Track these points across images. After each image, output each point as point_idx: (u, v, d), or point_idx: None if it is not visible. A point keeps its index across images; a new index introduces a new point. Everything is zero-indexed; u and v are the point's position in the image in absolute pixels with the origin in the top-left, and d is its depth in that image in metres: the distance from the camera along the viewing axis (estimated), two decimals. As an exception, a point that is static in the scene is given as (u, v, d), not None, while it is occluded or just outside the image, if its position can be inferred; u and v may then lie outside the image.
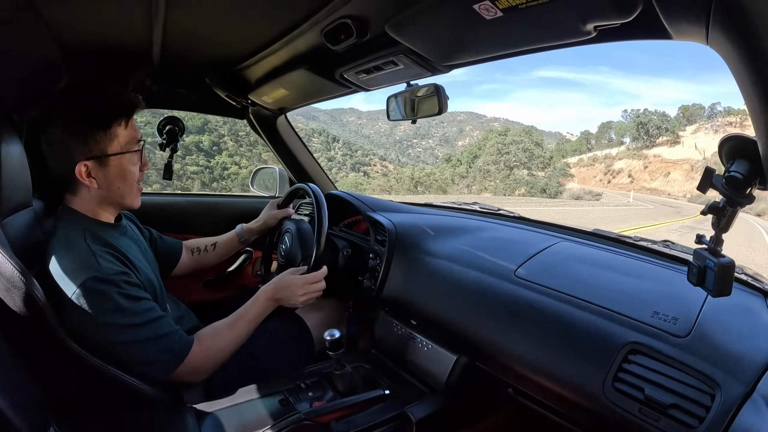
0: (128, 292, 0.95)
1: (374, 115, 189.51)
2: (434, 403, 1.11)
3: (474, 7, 0.76)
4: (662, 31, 0.67)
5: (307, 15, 1.02)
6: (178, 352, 1.01)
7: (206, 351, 1.06)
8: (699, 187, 0.68)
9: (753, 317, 0.88)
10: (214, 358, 1.07)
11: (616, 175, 59.71)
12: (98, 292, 0.90)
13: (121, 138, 1.02)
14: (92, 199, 1.04)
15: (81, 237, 0.97)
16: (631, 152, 63.61)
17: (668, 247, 1.23)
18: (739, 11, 0.45)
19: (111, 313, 0.91)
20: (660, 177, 50.15)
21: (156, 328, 0.98)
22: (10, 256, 0.80)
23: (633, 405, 0.78)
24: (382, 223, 1.40)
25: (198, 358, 1.04)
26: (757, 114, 0.48)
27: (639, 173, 55.59)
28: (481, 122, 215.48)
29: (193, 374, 1.04)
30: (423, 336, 1.26)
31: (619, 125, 76.01)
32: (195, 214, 1.98)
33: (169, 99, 1.80)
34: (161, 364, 0.99)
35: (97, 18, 1.07)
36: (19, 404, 0.68)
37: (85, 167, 0.98)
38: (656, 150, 59.37)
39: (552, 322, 0.96)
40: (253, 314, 1.17)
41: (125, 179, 1.04)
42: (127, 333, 0.93)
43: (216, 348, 1.08)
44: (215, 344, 1.08)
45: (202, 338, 1.08)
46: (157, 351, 0.97)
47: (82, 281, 0.89)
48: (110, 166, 1.01)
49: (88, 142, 0.98)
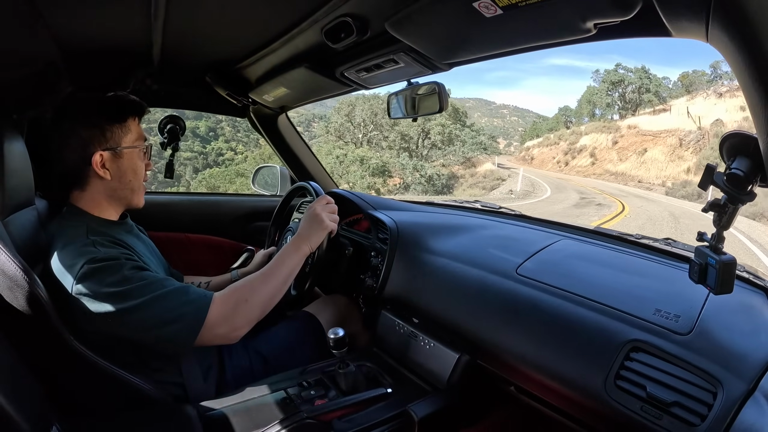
0: (131, 264, 0.93)
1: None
2: (436, 402, 1.11)
3: (474, 5, 0.76)
4: (662, 28, 0.67)
5: (307, 13, 1.02)
6: (198, 301, 0.94)
7: (233, 298, 0.99)
8: (700, 185, 0.68)
9: (755, 315, 0.88)
10: (248, 303, 1.00)
11: (577, 155, 42.87)
12: (99, 269, 0.89)
13: (133, 133, 1.07)
14: (101, 193, 1.05)
15: (83, 231, 0.97)
16: (600, 125, 44.62)
17: (670, 245, 1.23)
18: (738, 8, 0.45)
19: (116, 283, 0.89)
20: (632, 156, 35.28)
21: (166, 286, 0.93)
22: (13, 255, 0.80)
23: (635, 403, 0.78)
24: (383, 222, 1.40)
25: (227, 305, 0.97)
26: (758, 111, 0.48)
27: (604, 152, 39.54)
28: (490, 109, 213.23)
29: (226, 325, 0.97)
30: (425, 334, 1.26)
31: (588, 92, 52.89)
32: (197, 213, 1.99)
33: (169, 98, 1.80)
34: (184, 321, 0.91)
35: (96, 18, 1.07)
36: (22, 403, 0.68)
37: (100, 157, 1.01)
38: (632, 120, 41.87)
39: (554, 319, 0.96)
40: (282, 258, 1.10)
41: (136, 173, 1.08)
42: (137, 296, 0.89)
43: (244, 291, 1.01)
44: (242, 290, 1.02)
45: (231, 288, 1.02)
46: (174, 306, 0.91)
47: (81, 266, 0.89)
48: (124, 158, 1.05)
49: (105, 134, 1.02)
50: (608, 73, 48.85)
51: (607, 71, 49.43)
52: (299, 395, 1.07)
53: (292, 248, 1.12)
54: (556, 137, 52.26)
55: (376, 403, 1.08)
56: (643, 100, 45.54)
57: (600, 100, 49.62)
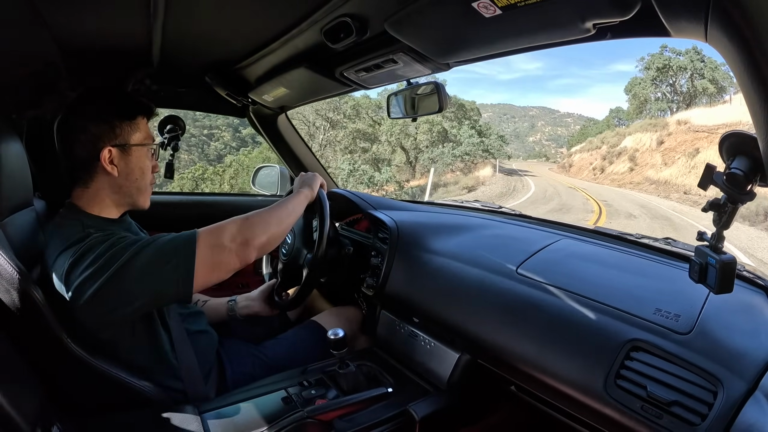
0: (115, 238, 0.92)
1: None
2: (437, 401, 1.11)
3: (473, 5, 0.76)
4: (661, 28, 0.67)
5: (306, 14, 1.02)
6: (188, 235, 0.95)
7: (234, 219, 1.02)
8: (700, 185, 0.68)
9: (755, 314, 0.88)
10: (248, 220, 1.03)
11: (615, 159, 33.39)
12: (89, 248, 0.89)
13: (142, 132, 1.08)
14: (106, 189, 1.04)
15: (79, 227, 0.96)
16: (646, 123, 34.81)
17: (670, 245, 1.23)
18: (737, 8, 0.45)
19: (107, 253, 0.88)
20: (680, 159, 25.66)
21: (147, 243, 0.92)
22: (10, 257, 0.80)
23: (635, 402, 0.78)
24: (384, 221, 1.40)
25: (229, 226, 0.99)
26: (757, 111, 0.48)
27: (646, 155, 29.89)
28: (554, 118, 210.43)
29: (234, 241, 0.98)
30: (425, 334, 1.26)
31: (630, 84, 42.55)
32: (197, 213, 1.99)
33: (169, 98, 1.80)
34: (179, 265, 0.91)
35: (96, 18, 1.07)
36: (23, 404, 0.68)
37: (109, 153, 1.01)
38: (683, 114, 32.04)
39: (554, 319, 0.96)
40: (284, 200, 1.18)
41: (143, 172, 1.08)
42: (118, 258, 0.88)
43: (244, 216, 1.04)
44: (243, 216, 1.04)
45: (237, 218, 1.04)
46: (159, 255, 0.91)
47: (73, 253, 0.89)
48: (132, 155, 1.05)
49: (115, 130, 1.02)
50: (653, 58, 39.70)
51: (652, 56, 40.20)
52: (300, 395, 1.07)
53: (293, 194, 1.23)
54: (599, 140, 41.86)
55: (377, 402, 1.08)
56: (696, 89, 36.84)
57: (643, 92, 40.82)
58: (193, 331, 1.12)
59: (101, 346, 0.92)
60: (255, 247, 1.01)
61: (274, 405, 1.04)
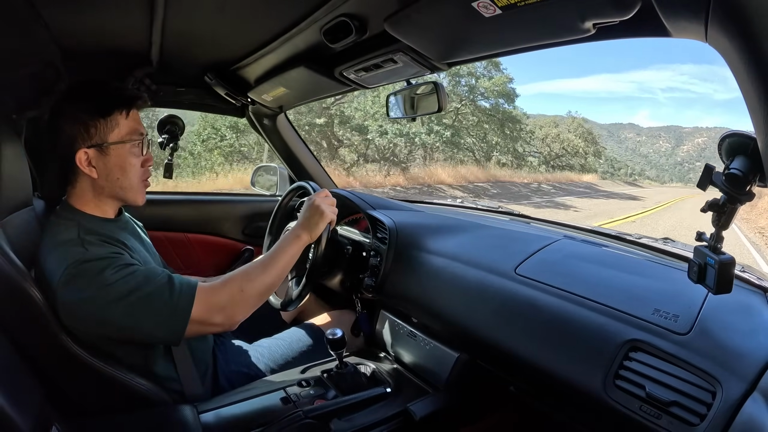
0: (116, 264, 0.90)
1: (655, 132, 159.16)
2: (436, 401, 1.11)
3: (473, 4, 0.76)
4: (661, 28, 0.67)
5: (306, 13, 1.02)
6: (181, 300, 0.92)
7: (231, 288, 0.99)
8: (699, 185, 0.68)
9: (753, 315, 0.88)
10: (244, 293, 0.99)
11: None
12: (85, 269, 0.87)
13: (122, 128, 1.01)
14: (91, 191, 1.01)
15: (74, 231, 0.95)
16: None
17: (668, 245, 1.23)
18: (737, 8, 0.45)
19: (101, 280, 0.87)
20: None
21: (152, 274, 0.92)
22: (9, 257, 0.80)
23: (634, 402, 0.78)
24: (383, 221, 1.40)
25: (220, 296, 0.96)
26: (756, 111, 0.48)
27: None
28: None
29: (221, 315, 0.96)
30: (424, 334, 1.26)
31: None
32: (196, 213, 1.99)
33: (168, 98, 1.80)
34: (167, 322, 0.91)
35: (95, 18, 1.07)
36: (21, 405, 0.68)
37: (85, 155, 0.97)
38: None
39: (553, 319, 0.96)
40: (282, 246, 1.11)
41: (125, 171, 1.02)
42: (122, 289, 0.87)
43: (243, 281, 1.00)
44: (240, 275, 1.01)
45: (226, 278, 1.01)
46: (155, 309, 0.90)
47: (67, 266, 0.87)
48: (110, 155, 1.00)
49: (89, 130, 0.97)
50: None
51: None
52: (298, 395, 1.07)
53: (291, 236, 1.13)
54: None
55: (376, 402, 1.08)
56: None
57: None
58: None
59: (99, 345, 0.92)
60: (242, 318, 1.01)
61: (272, 405, 1.04)
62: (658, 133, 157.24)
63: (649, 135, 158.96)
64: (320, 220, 1.16)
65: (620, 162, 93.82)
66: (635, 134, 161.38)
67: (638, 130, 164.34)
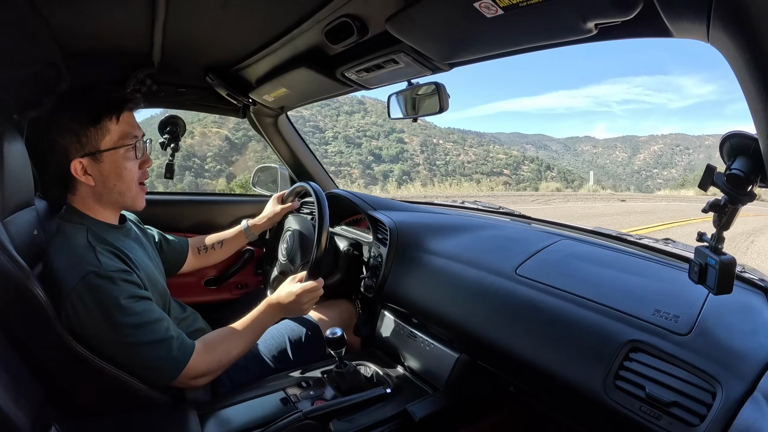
0: (128, 290, 0.93)
1: (611, 143, 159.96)
2: (436, 402, 1.11)
3: (475, 5, 0.76)
4: (663, 29, 0.67)
5: (308, 14, 1.02)
6: (178, 358, 0.97)
7: (211, 356, 1.03)
8: (700, 185, 0.68)
9: (754, 315, 0.88)
10: (220, 362, 1.05)
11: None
12: (97, 287, 0.89)
13: (114, 133, 1.00)
14: (91, 198, 1.02)
15: (83, 235, 0.97)
16: None
17: (669, 245, 1.23)
18: (739, 8, 0.45)
19: (109, 310, 0.89)
20: None
21: (154, 332, 0.95)
22: (12, 256, 0.80)
23: (634, 403, 0.78)
24: (383, 222, 1.40)
25: (202, 363, 1.01)
26: (758, 111, 0.48)
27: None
28: None
29: (198, 379, 1.02)
30: (424, 334, 1.26)
31: None
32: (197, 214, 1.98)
33: (169, 98, 1.80)
34: (162, 372, 0.96)
35: (97, 18, 1.07)
36: (21, 404, 0.68)
37: (80, 164, 0.98)
38: None
39: (553, 320, 0.96)
40: (260, 321, 1.15)
41: (121, 176, 1.02)
42: (125, 333, 0.91)
43: (222, 352, 1.05)
44: (221, 348, 1.06)
45: (208, 343, 1.05)
46: (156, 357, 0.94)
47: (82, 276, 0.88)
48: (104, 162, 1.00)
49: (81, 139, 0.97)
50: None
51: None
52: (298, 395, 1.07)
53: (269, 312, 1.17)
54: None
55: (376, 403, 1.08)
56: None
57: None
58: (188, 332, 1.11)
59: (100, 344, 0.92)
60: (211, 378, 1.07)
61: (272, 406, 1.04)
62: (614, 144, 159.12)
63: (606, 146, 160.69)
64: (296, 311, 1.21)
65: (573, 174, 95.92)
66: (591, 146, 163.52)
67: (595, 143, 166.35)
